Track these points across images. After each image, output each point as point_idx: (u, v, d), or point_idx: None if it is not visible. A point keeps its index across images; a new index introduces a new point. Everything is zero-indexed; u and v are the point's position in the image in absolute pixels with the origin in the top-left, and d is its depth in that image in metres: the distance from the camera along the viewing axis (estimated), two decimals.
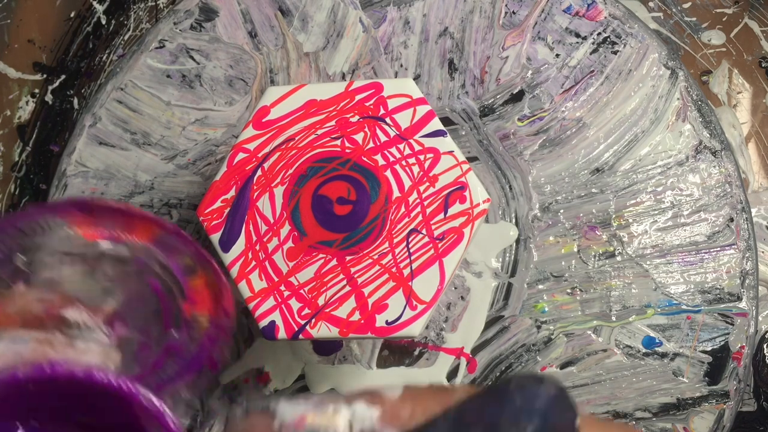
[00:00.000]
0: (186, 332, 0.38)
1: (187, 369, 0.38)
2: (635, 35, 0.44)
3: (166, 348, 0.35)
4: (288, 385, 0.43)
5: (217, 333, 0.39)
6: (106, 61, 0.47)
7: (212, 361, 0.40)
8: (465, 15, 0.45)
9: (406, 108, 0.35)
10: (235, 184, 0.34)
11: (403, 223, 0.33)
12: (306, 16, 0.46)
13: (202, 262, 0.32)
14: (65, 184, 0.45)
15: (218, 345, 0.39)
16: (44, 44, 0.47)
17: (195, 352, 0.38)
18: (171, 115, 0.45)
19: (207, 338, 0.38)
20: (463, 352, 0.43)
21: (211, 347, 0.39)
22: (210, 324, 0.38)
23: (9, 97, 0.46)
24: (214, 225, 0.34)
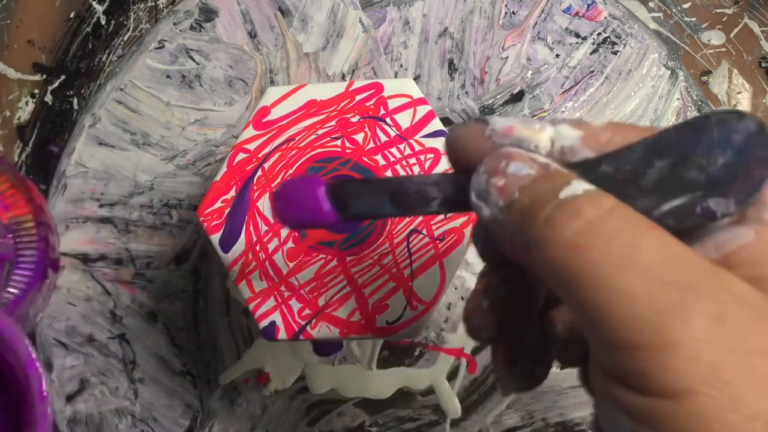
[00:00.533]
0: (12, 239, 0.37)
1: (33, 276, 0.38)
2: (635, 35, 0.44)
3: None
4: (288, 385, 0.43)
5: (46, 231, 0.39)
6: (106, 62, 0.47)
7: (53, 261, 0.40)
8: (465, 15, 0.45)
9: (407, 108, 0.34)
10: (236, 185, 0.34)
11: (404, 224, 0.33)
12: (306, 17, 0.46)
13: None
14: (65, 185, 0.45)
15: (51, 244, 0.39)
16: (44, 45, 0.47)
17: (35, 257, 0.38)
18: (171, 115, 0.45)
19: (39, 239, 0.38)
20: (463, 353, 0.43)
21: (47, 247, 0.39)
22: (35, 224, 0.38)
23: (9, 98, 0.46)
24: (214, 225, 0.34)
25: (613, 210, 0.19)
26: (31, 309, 0.39)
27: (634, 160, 0.20)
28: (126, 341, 0.44)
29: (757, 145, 0.19)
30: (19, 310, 0.38)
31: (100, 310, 0.44)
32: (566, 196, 0.20)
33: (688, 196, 0.19)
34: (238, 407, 0.43)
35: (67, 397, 0.43)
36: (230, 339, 0.44)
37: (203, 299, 0.44)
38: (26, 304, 0.38)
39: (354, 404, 0.43)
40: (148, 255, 0.44)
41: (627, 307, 0.18)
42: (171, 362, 0.44)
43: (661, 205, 0.20)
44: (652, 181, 0.20)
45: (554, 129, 0.21)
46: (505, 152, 0.21)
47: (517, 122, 0.22)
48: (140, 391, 0.43)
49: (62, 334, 0.44)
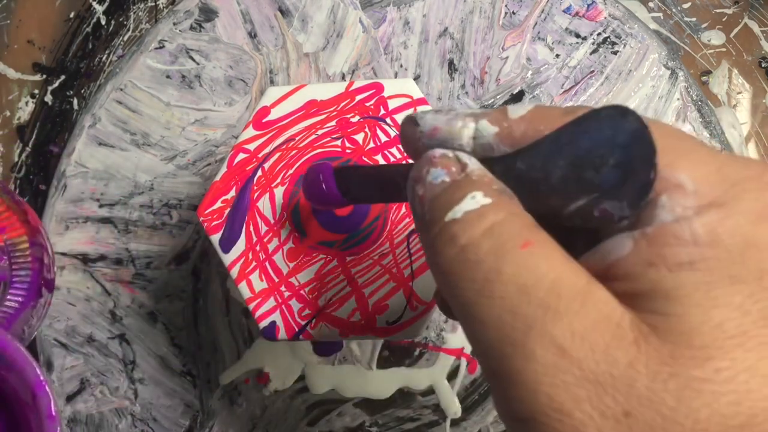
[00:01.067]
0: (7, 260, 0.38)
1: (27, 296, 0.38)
2: (635, 35, 0.44)
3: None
4: (288, 385, 0.43)
5: (41, 251, 0.40)
6: (106, 62, 0.47)
7: (47, 281, 0.40)
8: (465, 15, 0.45)
9: (407, 108, 0.34)
10: (236, 185, 0.34)
11: (404, 224, 0.33)
12: (306, 17, 0.46)
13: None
14: (65, 185, 0.45)
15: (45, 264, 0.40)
16: (44, 45, 0.47)
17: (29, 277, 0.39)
18: (171, 115, 0.45)
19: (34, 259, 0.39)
20: (464, 353, 0.43)
21: (41, 267, 0.39)
22: (30, 244, 0.39)
23: (9, 98, 0.46)
24: (214, 225, 0.34)
25: (487, 232, 0.19)
26: (25, 327, 0.39)
27: (542, 158, 0.20)
28: (126, 341, 0.44)
29: (640, 144, 0.18)
30: (12, 328, 0.38)
31: (100, 310, 0.44)
32: (450, 218, 0.20)
33: (587, 197, 0.19)
34: (238, 407, 0.43)
35: (67, 397, 0.43)
36: (230, 339, 0.44)
37: (203, 299, 0.44)
38: (20, 323, 0.39)
39: (354, 404, 0.43)
40: (148, 255, 0.44)
41: (482, 335, 0.19)
42: (171, 362, 0.44)
43: (569, 204, 0.19)
44: (558, 180, 0.19)
45: (475, 126, 0.21)
46: (428, 157, 0.22)
47: (443, 121, 0.22)
48: (140, 391, 0.43)
49: (62, 334, 0.44)
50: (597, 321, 0.18)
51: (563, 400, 0.17)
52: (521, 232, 0.19)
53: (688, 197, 0.18)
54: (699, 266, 0.18)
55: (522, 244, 0.19)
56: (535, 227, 0.19)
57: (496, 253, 0.19)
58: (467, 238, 0.19)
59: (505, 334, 0.18)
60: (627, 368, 0.17)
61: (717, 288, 0.17)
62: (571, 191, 0.19)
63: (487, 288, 0.19)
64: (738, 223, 0.18)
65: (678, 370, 0.17)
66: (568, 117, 0.20)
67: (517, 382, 0.18)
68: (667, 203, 0.18)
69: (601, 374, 0.17)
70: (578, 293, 0.18)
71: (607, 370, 0.17)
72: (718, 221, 0.18)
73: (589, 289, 0.18)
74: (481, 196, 0.20)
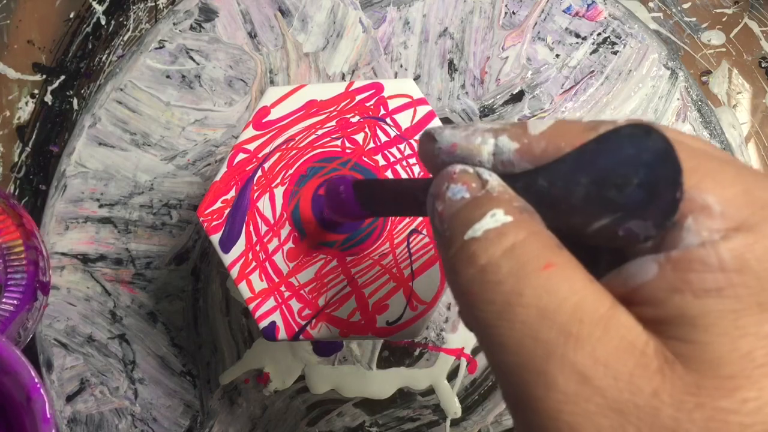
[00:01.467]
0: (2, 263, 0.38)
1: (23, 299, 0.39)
2: (635, 35, 0.44)
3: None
4: (288, 385, 0.43)
5: (36, 254, 0.40)
6: (106, 62, 0.47)
7: (42, 284, 0.40)
8: (465, 15, 0.45)
9: (407, 108, 0.34)
10: (236, 185, 0.34)
11: (404, 224, 0.33)
12: (306, 17, 0.46)
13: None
14: (65, 185, 0.45)
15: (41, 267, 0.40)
16: (44, 45, 0.47)
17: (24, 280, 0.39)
18: (171, 115, 0.45)
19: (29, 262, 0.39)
20: (464, 353, 0.43)
21: (36, 270, 0.40)
22: (25, 248, 0.39)
23: (9, 98, 0.46)
24: (214, 226, 0.34)
25: (507, 252, 0.19)
26: (21, 330, 0.40)
27: (563, 176, 0.19)
28: (126, 341, 0.44)
29: (665, 164, 0.18)
30: (8, 331, 0.38)
31: (100, 310, 0.44)
32: (469, 236, 0.19)
33: (611, 217, 0.19)
34: (238, 407, 0.43)
35: (67, 397, 0.43)
36: (230, 339, 0.44)
37: (203, 299, 0.44)
38: (15, 325, 0.39)
39: (354, 404, 0.43)
40: (147, 255, 0.44)
41: (502, 359, 0.18)
42: (171, 362, 0.44)
43: (592, 223, 0.19)
44: (580, 198, 0.19)
45: (494, 142, 0.21)
46: (448, 173, 0.21)
47: (461, 137, 0.21)
48: (140, 391, 0.43)
49: (62, 334, 0.44)
50: (620, 348, 0.17)
51: (585, 430, 0.17)
52: (543, 252, 0.19)
53: (714, 220, 0.18)
54: (726, 293, 0.17)
55: (543, 266, 0.18)
56: (557, 247, 0.19)
57: (517, 275, 0.18)
58: (487, 258, 0.19)
59: (526, 360, 0.18)
60: (651, 397, 0.17)
61: (745, 316, 0.17)
62: (594, 210, 0.19)
63: (508, 311, 0.18)
64: (766, 248, 0.17)
65: (704, 400, 0.16)
66: (590, 133, 0.19)
67: (538, 410, 0.18)
68: (692, 226, 0.18)
69: (624, 403, 0.17)
70: (601, 318, 0.18)
71: (630, 399, 0.17)
72: (746, 246, 0.17)
73: (612, 314, 0.18)
74: (502, 214, 0.19)
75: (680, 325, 0.17)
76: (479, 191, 0.20)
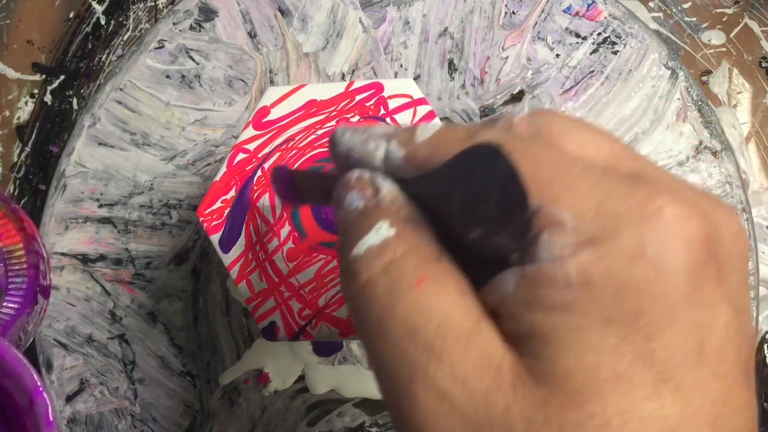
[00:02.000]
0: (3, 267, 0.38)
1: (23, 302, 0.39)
2: (635, 35, 0.44)
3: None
4: (288, 385, 0.43)
5: (36, 258, 0.40)
6: (106, 62, 0.47)
7: (43, 288, 0.41)
8: (465, 15, 0.45)
9: (407, 108, 0.34)
10: (235, 185, 0.34)
11: None
12: (305, 17, 0.45)
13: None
14: (64, 185, 0.45)
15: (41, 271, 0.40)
16: (43, 45, 0.47)
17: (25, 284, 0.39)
18: (170, 115, 0.45)
19: (29, 266, 0.39)
20: None
21: (37, 274, 0.40)
22: (25, 252, 0.39)
23: (8, 98, 0.46)
24: (214, 226, 0.34)
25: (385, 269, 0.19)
26: (21, 333, 0.40)
27: (443, 186, 0.20)
28: (126, 341, 0.44)
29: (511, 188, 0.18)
30: (9, 335, 0.38)
31: (100, 311, 0.44)
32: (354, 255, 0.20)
33: (482, 229, 0.19)
34: (237, 407, 0.43)
35: (66, 397, 0.43)
36: (230, 339, 0.44)
37: (203, 299, 0.44)
38: (16, 329, 0.39)
39: (354, 405, 0.43)
40: (147, 255, 0.44)
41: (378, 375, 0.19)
42: (171, 362, 0.44)
43: (468, 234, 0.19)
44: (457, 209, 0.19)
45: (386, 148, 0.21)
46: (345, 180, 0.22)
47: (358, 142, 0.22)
48: (140, 392, 0.43)
49: (62, 334, 0.44)
50: (478, 364, 0.18)
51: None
52: (418, 267, 0.19)
53: (567, 235, 0.18)
54: (573, 308, 0.17)
55: (416, 282, 0.19)
56: (433, 261, 0.19)
57: (391, 291, 0.19)
58: (367, 276, 0.19)
59: (394, 377, 0.18)
60: (504, 413, 0.17)
61: (591, 331, 0.17)
62: (468, 221, 0.19)
63: (382, 328, 0.19)
64: (611, 263, 0.17)
65: (552, 415, 0.17)
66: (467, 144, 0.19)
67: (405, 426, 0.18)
68: (546, 242, 0.18)
69: (479, 419, 0.17)
70: (464, 334, 0.18)
71: (485, 414, 0.17)
72: (592, 261, 0.17)
73: (475, 329, 0.18)
74: (386, 227, 0.20)
75: (532, 341, 0.18)
76: (372, 200, 0.21)
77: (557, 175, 0.18)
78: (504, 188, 0.18)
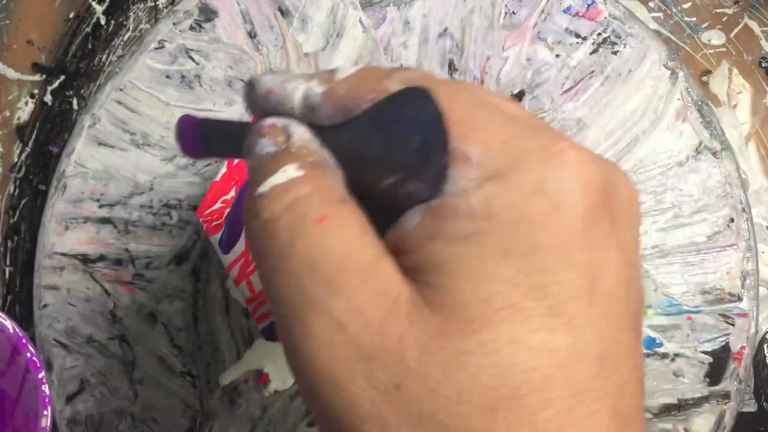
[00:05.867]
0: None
1: None
2: (635, 35, 0.44)
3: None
4: (288, 385, 0.43)
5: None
6: (106, 62, 0.47)
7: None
8: (465, 15, 0.45)
9: None
10: (235, 185, 0.34)
11: None
12: (306, 17, 0.46)
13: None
14: (64, 185, 0.45)
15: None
16: (43, 45, 0.47)
17: None
18: (170, 115, 0.45)
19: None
20: None
21: None
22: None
23: (8, 98, 0.46)
24: (214, 226, 0.34)
25: (288, 207, 0.19)
26: None
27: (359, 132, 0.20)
28: (126, 342, 0.44)
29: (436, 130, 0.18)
30: None
31: (100, 311, 0.44)
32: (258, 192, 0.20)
33: (396, 176, 0.19)
34: (237, 408, 0.43)
35: (66, 397, 0.43)
36: (230, 339, 0.44)
37: (203, 299, 0.44)
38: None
39: None
40: (147, 255, 0.44)
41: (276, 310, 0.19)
42: (171, 363, 0.44)
43: (381, 182, 0.20)
44: (373, 156, 0.20)
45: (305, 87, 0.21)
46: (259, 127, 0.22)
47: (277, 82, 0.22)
48: (140, 392, 0.43)
49: (62, 334, 0.44)
50: (375, 296, 0.18)
51: (338, 374, 0.18)
52: (322, 206, 0.19)
53: (472, 169, 0.18)
54: (473, 240, 0.18)
55: (318, 219, 0.19)
56: (337, 202, 0.20)
57: (292, 228, 0.19)
58: (269, 213, 0.19)
59: (290, 311, 0.18)
60: (398, 342, 0.17)
61: (488, 262, 0.18)
62: (382, 169, 0.19)
63: (281, 264, 0.19)
64: (513, 197, 0.18)
65: (445, 343, 0.17)
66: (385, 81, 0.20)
67: (299, 358, 0.18)
68: (453, 175, 0.18)
69: (374, 349, 0.17)
70: (362, 268, 0.18)
71: (380, 344, 0.17)
72: (495, 194, 0.18)
73: (374, 265, 0.18)
74: (294, 169, 0.20)
75: (431, 272, 0.18)
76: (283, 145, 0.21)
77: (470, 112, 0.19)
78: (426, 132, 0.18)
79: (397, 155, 0.19)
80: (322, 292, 0.18)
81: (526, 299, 0.17)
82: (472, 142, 0.18)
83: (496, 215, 0.18)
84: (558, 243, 0.17)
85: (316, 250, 0.18)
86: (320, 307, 0.18)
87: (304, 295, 0.18)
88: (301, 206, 0.19)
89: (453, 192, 0.18)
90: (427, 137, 0.18)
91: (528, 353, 0.17)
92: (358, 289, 0.18)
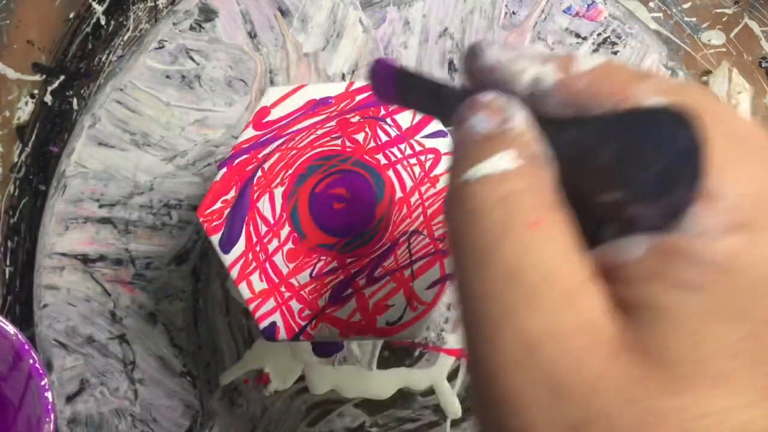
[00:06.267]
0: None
1: None
2: (635, 35, 0.44)
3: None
4: (288, 385, 0.43)
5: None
6: (106, 62, 0.47)
7: None
8: (465, 15, 0.45)
9: (407, 108, 0.34)
10: (235, 185, 0.34)
11: (405, 224, 0.33)
12: (306, 17, 0.45)
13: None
14: (64, 185, 0.45)
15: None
16: (43, 45, 0.47)
17: None
18: (170, 115, 0.45)
19: None
20: (464, 353, 0.43)
21: None
22: None
23: (8, 98, 0.46)
24: (214, 226, 0.34)
25: (501, 200, 0.18)
26: None
27: (592, 135, 0.18)
28: (126, 342, 0.44)
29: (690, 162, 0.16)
30: None
31: (100, 311, 0.44)
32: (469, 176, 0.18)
33: (621, 193, 0.17)
34: (238, 408, 0.43)
35: (67, 397, 0.43)
36: (230, 339, 0.44)
37: (203, 299, 0.44)
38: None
39: (354, 405, 0.43)
40: (147, 255, 0.44)
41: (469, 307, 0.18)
42: (171, 363, 0.44)
43: (603, 194, 0.18)
44: (601, 164, 0.18)
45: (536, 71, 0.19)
46: (476, 100, 0.20)
47: (506, 59, 0.20)
48: (140, 392, 0.43)
49: (62, 334, 0.44)
50: (578, 324, 0.16)
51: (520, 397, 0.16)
52: (536, 208, 0.18)
53: (722, 212, 0.16)
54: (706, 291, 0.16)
55: (531, 223, 0.17)
56: (552, 206, 0.18)
57: (502, 227, 0.17)
58: (479, 202, 0.18)
59: (483, 317, 0.17)
60: (594, 381, 0.16)
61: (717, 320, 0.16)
62: (609, 180, 0.18)
63: (483, 262, 0.17)
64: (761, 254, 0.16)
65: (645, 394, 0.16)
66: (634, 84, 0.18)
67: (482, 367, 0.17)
68: (699, 212, 0.16)
69: (566, 381, 0.16)
70: (568, 290, 0.17)
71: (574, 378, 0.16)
72: (745, 246, 0.16)
73: (581, 290, 0.17)
74: (509, 159, 0.18)
75: (646, 313, 0.16)
76: (500, 127, 0.19)
77: (729, 145, 0.17)
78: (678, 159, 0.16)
79: (631, 172, 0.17)
80: (521, 306, 0.17)
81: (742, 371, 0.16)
82: (728, 180, 0.16)
83: (737, 270, 0.16)
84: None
85: (523, 258, 0.17)
86: (516, 323, 0.17)
87: (501, 304, 0.17)
88: (514, 204, 0.18)
89: (692, 230, 0.16)
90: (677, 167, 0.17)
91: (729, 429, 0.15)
92: (561, 312, 0.16)
